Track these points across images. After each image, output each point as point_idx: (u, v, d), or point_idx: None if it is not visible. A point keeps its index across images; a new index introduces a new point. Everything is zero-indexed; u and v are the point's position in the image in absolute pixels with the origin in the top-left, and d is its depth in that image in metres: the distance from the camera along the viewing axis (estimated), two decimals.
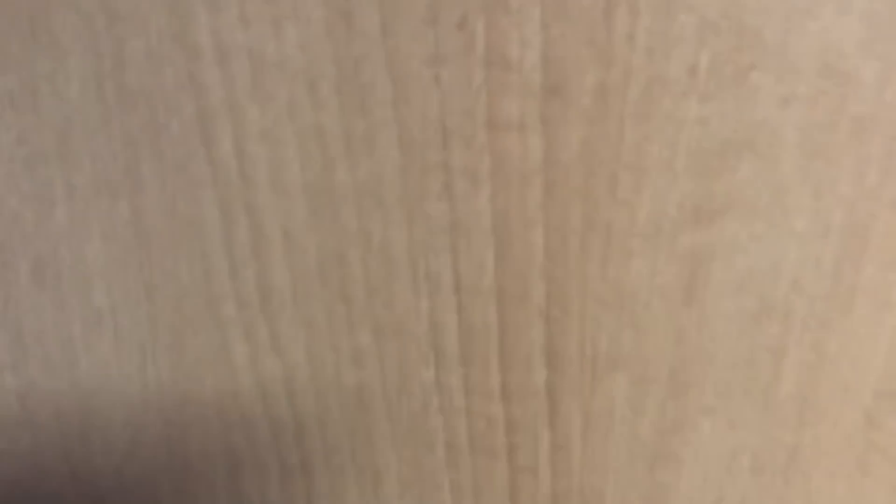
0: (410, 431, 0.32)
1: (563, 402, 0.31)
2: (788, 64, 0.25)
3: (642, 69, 0.26)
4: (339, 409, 0.32)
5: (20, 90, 0.28)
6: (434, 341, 0.31)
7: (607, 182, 0.27)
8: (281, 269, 0.30)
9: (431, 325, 0.31)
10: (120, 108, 0.28)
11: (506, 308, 0.30)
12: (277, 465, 0.34)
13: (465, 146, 0.28)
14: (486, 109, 0.27)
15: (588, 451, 0.31)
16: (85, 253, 0.31)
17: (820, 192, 0.26)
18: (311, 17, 0.26)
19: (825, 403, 0.29)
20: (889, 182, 0.26)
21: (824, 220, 0.27)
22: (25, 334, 0.32)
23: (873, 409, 0.29)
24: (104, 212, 0.30)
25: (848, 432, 0.29)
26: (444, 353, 0.31)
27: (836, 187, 0.26)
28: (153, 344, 0.32)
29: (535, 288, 0.29)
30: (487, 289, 0.30)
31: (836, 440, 0.30)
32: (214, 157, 0.29)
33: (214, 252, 0.30)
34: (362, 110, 0.28)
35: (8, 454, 0.34)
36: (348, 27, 0.26)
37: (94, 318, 0.32)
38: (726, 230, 0.28)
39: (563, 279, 0.29)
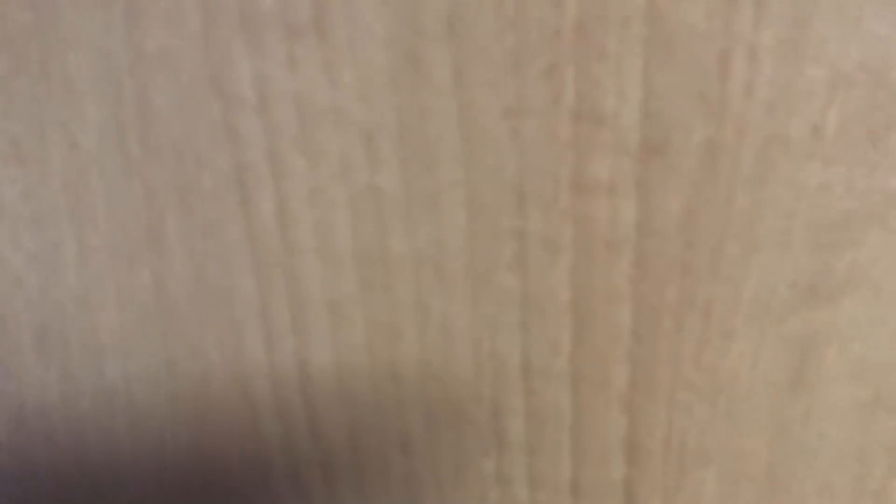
0: None
1: (643, 500, 0.27)
2: None
3: (759, 127, 0.22)
4: (384, 502, 0.28)
5: (28, 139, 0.24)
6: (496, 428, 0.27)
7: (710, 254, 0.24)
8: (324, 344, 0.26)
9: (494, 410, 0.27)
10: (143, 160, 0.24)
11: (582, 393, 0.26)
12: None
13: (545, 210, 0.24)
14: (572, 169, 0.23)
15: None
16: (97, 322, 0.27)
17: None
18: (372, 61, 0.22)
19: None
20: None
21: None
22: (27, 411, 0.29)
23: None
24: (121, 277, 0.26)
25: None
26: (508, 442, 0.27)
27: None
28: (173, 424, 0.28)
29: (618, 372, 0.26)
30: (561, 371, 0.26)
31: None
32: (252, 219, 0.25)
33: (248, 324, 0.26)
34: (426, 168, 0.24)
35: None
36: (415, 73, 0.23)
37: (106, 394, 0.28)
38: (844, 312, 0.24)
39: (651, 363, 0.25)
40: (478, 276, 0.25)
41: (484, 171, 0.24)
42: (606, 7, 0.21)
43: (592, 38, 0.22)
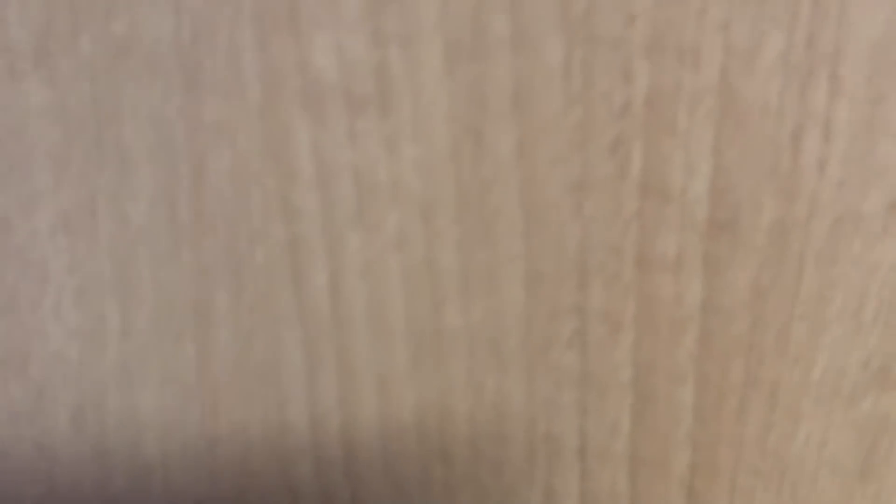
0: None
1: None
2: None
3: (831, 204, 0.22)
4: None
5: (77, 210, 0.24)
6: None
7: (777, 333, 0.23)
8: (371, 422, 0.26)
9: (547, 493, 0.26)
10: (195, 233, 0.24)
11: (640, 477, 0.25)
12: None
13: (607, 287, 0.23)
14: (636, 245, 0.23)
15: None
16: (137, 399, 0.26)
17: None
18: (434, 135, 0.22)
19: None
20: None
21: None
22: (59, 489, 0.28)
23: None
24: (165, 352, 0.25)
25: None
26: None
27: None
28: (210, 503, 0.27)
29: (679, 454, 0.25)
30: (619, 454, 0.25)
31: None
32: (304, 293, 0.24)
33: (294, 402, 0.25)
34: (485, 243, 0.23)
35: None
36: (477, 148, 0.22)
37: (142, 473, 0.27)
38: None
39: (714, 445, 0.24)
40: (535, 353, 0.24)
41: (544, 245, 0.23)
42: (678, 82, 0.21)
43: (662, 112, 0.21)
